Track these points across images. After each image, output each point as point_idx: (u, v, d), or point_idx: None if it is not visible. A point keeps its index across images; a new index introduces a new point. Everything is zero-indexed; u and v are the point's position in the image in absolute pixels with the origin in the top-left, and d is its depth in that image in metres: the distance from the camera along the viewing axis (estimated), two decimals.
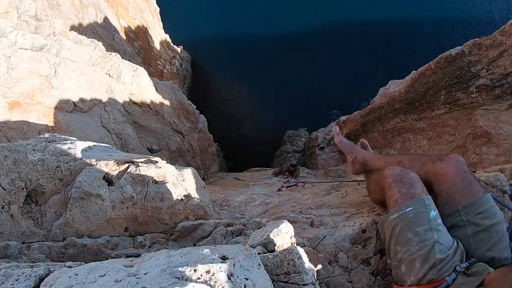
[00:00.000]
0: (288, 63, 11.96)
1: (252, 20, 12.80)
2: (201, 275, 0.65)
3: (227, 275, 0.67)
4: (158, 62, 8.97)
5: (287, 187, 3.33)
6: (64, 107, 2.72)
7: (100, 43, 3.31)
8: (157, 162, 1.39)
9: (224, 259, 0.73)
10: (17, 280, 0.70)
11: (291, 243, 1.01)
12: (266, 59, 12.08)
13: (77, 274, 0.68)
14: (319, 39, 12.23)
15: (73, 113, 2.79)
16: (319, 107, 11.07)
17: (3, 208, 1.09)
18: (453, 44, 4.38)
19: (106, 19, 6.02)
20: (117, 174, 1.24)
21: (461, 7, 12.36)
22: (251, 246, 0.90)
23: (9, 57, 2.36)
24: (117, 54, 3.46)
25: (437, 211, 1.10)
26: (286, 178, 5.19)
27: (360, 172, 1.57)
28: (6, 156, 1.14)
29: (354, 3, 12.82)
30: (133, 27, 7.59)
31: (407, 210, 1.09)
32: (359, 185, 2.13)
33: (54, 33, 3.31)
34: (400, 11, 12.40)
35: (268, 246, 0.92)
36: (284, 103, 11.44)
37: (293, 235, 1.04)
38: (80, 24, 4.94)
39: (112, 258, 1.03)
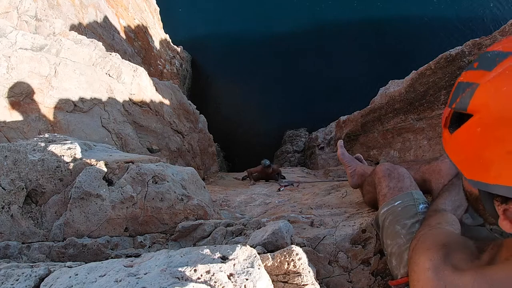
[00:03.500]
0: (288, 63, 11.96)
1: (252, 20, 12.81)
2: (201, 275, 0.65)
3: (227, 275, 0.67)
4: (158, 62, 8.97)
5: (285, 186, 3.35)
6: (64, 107, 2.72)
7: (100, 43, 3.31)
8: (157, 162, 1.39)
9: (224, 259, 0.73)
10: (17, 280, 0.70)
11: (291, 243, 1.01)
12: (266, 59, 12.07)
13: (77, 274, 0.68)
14: (319, 39, 12.23)
15: (73, 113, 2.79)
16: (319, 107, 11.06)
17: (3, 208, 1.09)
18: (453, 44, 4.38)
19: (106, 19, 6.03)
20: (117, 174, 1.24)
21: (461, 7, 12.36)
22: (251, 246, 0.90)
23: (9, 57, 2.36)
24: (117, 54, 3.46)
25: (427, 205, 1.11)
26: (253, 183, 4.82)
27: (359, 184, 1.60)
28: (6, 156, 1.14)
29: (354, 3, 12.82)
30: (133, 27, 7.59)
31: (396, 203, 1.11)
32: None
33: (54, 33, 3.31)
34: (400, 10, 12.40)
35: (268, 246, 0.92)
36: (284, 103, 11.43)
37: (293, 235, 1.04)
38: (80, 24, 4.94)
39: (112, 258, 1.03)
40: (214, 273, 0.65)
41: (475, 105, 0.50)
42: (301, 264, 0.84)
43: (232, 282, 0.66)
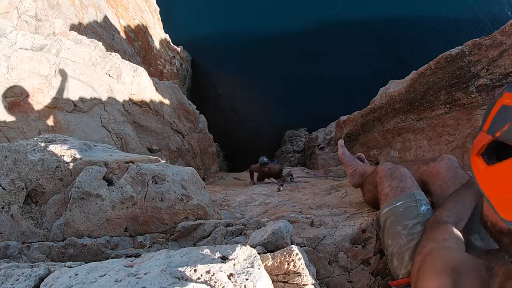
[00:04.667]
0: (288, 63, 11.96)
1: (252, 19, 12.81)
2: (201, 275, 0.65)
3: (227, 275, 0.67)
4: (158, 62, 8.96)
5: (281, 185, 3.36)
6: (64, 107, 2.72)
7: (100, 43, 3.31)
8: (157, 162, 1.39)
9: (224, 259, 0.73)
10: (17, 280, 0.70)
11: (291, 243, 1.01)
12: (266, 59, 12.07)
13: (77, 274, 0.68)
14: (319, 39, 12.23)
15: (73, 113, 2.79)
16: (319, 107, 11.07)
17: (3, 208, 1.09)
18: (453, 44, 4.38)
19: (106, 19, 6.02)
20: (117, 174, 1.24)
21: (461, 7, 12.35)
22: (251, 246, 0.90)
23: (9, 57, 2.36)
24: (117, 54, 3.46)
25: (429, 206, 1.10)
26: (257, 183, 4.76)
27: (359, 184, 1.60)
28: (6, 156, 1.14)
29: (355, 2, 12.82)
30: (133, 27, 7.59)
31: (398, 204, 1.10)
32: None
33: (54, 33, 3.31)
34: (400, 11, 12.40)
35: (268, 246, 0.92)
36: (284, 103, 11.44)
37: (293, 235, 1.04)
38: (80, 24, 4.94)
39: (112, 258, 1.03)
40: (214, 273, 0.65)
41: None
42: (301, 264, 0.84)
43: (232, 282, 0.66)
